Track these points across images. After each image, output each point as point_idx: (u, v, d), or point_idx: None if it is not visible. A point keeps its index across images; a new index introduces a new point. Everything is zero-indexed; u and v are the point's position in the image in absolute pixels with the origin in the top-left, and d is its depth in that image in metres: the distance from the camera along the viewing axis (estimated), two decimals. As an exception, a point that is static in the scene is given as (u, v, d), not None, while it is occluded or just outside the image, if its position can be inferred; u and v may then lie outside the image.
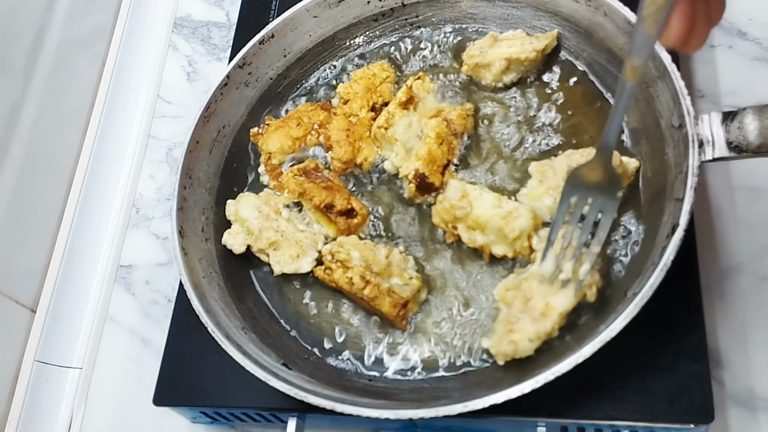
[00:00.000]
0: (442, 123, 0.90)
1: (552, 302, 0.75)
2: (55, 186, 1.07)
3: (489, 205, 0.82)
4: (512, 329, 0.75)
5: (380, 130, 0.92)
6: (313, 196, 0.89)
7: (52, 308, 1.01)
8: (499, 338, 0.76)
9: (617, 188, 0.77)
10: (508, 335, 0.75)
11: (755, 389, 0.84)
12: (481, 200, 0.82)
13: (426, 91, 0.95)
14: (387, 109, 0.93)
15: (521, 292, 0.77)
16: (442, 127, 0.90)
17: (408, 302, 0.83)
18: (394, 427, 0.86)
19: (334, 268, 0.84)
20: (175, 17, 1.27)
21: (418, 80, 0.94)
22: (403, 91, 0.93)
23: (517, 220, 0.80)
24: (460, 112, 0.92)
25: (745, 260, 0.90)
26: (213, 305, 0.83)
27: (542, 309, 0.75)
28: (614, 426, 0.77)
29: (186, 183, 0.91)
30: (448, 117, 0.91)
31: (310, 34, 1.02)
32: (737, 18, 1.05)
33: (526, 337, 0.74)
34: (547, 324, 0.74)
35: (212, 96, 0.95)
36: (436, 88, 0.96)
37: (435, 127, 0.89)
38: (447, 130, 0.90)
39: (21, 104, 1.02)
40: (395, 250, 0.86)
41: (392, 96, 0.97)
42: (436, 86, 0.96)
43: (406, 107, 0.93)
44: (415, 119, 0.93)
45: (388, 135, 0.91)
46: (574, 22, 0.93)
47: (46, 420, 0.98)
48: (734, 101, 0.99)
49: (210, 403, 0.87)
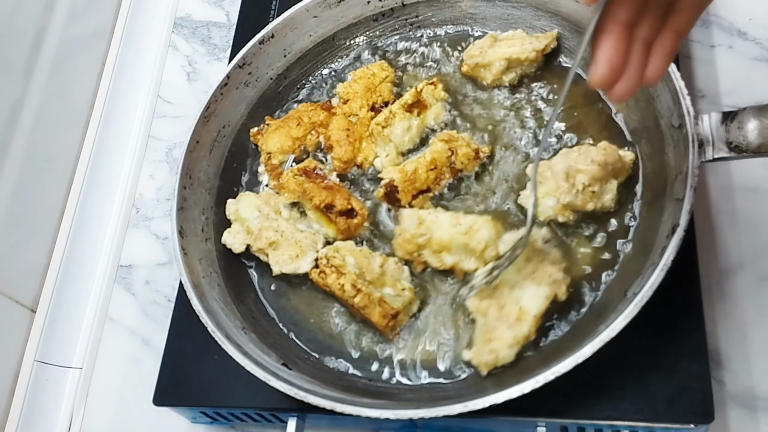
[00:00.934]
0: (447, 152, 0.88)
1: (525, 306, 0.76)
2: (55, 186, 1.07)
3: (448, 225, 0.82)
4: (490, 338, 0.76)
5: (377, 127, 0.92)
6: (313, 196, 0.89)
7: (52, 308, 1.01)
8: (478, 349, 0.77)
9: None
10: (488, 344, 0.76)
11: (755, 389, 0.84)
12: (438, 222, 0.83)
13: (436, 98, 0.94)
14: (390, 108, 0.93)
15: (494, 300, 0.78)
16: (443, 157, 0.88)
17: (398, 313, 0.83)
18: (394, 427, 0.86)
19: (328, 273, 0.84)
20: (175, 17, 1.27)
21: (431, 86, 0.93)
22: (411, 94, 0.92)
23: (479, 232, 0.80)
24: (469, 152, 0.89)
25: (745, 260, 0.90)
26: (213, 305, 0.83)
27: (516, 314, 0.76)
28: (614, 426, 0.77)
29: (186, 183, 0.91)
30: (457, 150, 0.89)
31: (310, 34, 1.02)
32: (737, 18, 1.05)
33: (505, 345, 0.75)
34: (523, 328, 0.75)
35: (212, 96, 0.95)
36: (446, 97, 0.95)
37: (436, 152, 0.88)
38: (446, 161, 0.89)
39: (21, 104, 1.02)
40: (391, 259, 0.85)
41: (392, 96, 0.97)
42: (446, 95, 0.95)
43: (410, 110, 0.92)
44: (416, 124, 0.92)
45: (384, 134, 0.91)
46: (574, 22, 0.93)
47: (46, 420, 0.98)
48: (734, 101, 0.99)
49: (210, 403, 0.87)
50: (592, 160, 0.82)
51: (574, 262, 0.82)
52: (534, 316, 0.76)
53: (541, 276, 0.78)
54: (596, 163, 0.81)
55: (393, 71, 0.99)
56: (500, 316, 0.77)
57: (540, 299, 0.76)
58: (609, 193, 0.83)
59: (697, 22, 0.60)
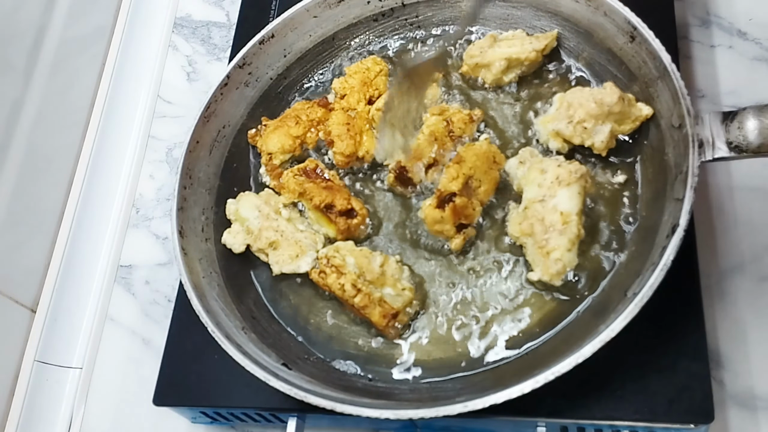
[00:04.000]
0: (442, 123, 0.90)
1: (564, 209, 0.79)
2: (55, 186, 1.07)
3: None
4: (548, 251, 0.79)
5: (378, 113, 0.92)
6: (313, 196, 0.89)
7: (52, 308, 1.01)
8: (543, 264, 0.79)
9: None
10: (548, 257, 0.78)
11: (755, 389, 0.84)
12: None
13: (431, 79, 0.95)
14: (387, 93, 0.93)
15: (533, 218, 0.81)
16: (440, 127, 0.89)
17: (398, 313, 0.83)
18: (394, 427, 0.86)
19: (328, 273, 0.84)
20: (175, 17, 1.27)
21: None
22: None
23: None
24: (463, 116, 0.91)
25: (745, 260, 0.90)
26: (213, 305, 0.83)
27: (561, 219, 0.79)
28: (614, 426, 0.77)
29: (186, 183, 0.91)
30: (451, 118, 0.91)
31: (310, 34, 1.02)
32: (737, 18, 1.05)
33: (564, 250, 0.78)
34: (573, 229, 0.79)
35: (212, 96, 0.95)
36: (439, 77, 0.96)
37: (432, 125, 0.89)
38: (444, 130, 0.90)
39: (21, 104, 1.02)
40: (391, 259, 0.85)
41: (387, 89, 0.97)
42: (440, 76, 0.96)
43: None
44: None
45: None
46: (574, 22, 0.93)
47: (46, 420, 0.98)
48: (734, 101, 0.99)
49: (210, 403, 0.87)
50: (592, 98, 0.84)
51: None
52: (576, 214, 0.79)
53: (564, 177, 0.80)
54: (594, 101, 0.83)
55: (386, 65, 1.00)
56: (546, 229, 0.79)
57: (574, 197, 0.80)
58: (601, 135, 0.84)
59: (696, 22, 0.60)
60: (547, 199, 0.81)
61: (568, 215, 0.79)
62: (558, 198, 0.80)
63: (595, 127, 0.84)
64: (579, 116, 0.84)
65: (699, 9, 1.06)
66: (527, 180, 0.84)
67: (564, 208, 0.80)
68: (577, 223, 0.79)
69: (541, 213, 0.80)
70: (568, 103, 0.86)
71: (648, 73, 0.84)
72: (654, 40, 0.83)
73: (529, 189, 0.83)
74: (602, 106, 0.83)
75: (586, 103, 0.84)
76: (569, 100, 0.86)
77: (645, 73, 0.85)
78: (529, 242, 0.81)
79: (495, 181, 0.87)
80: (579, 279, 0.81)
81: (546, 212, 0.80)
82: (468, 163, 0.85)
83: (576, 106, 0.85)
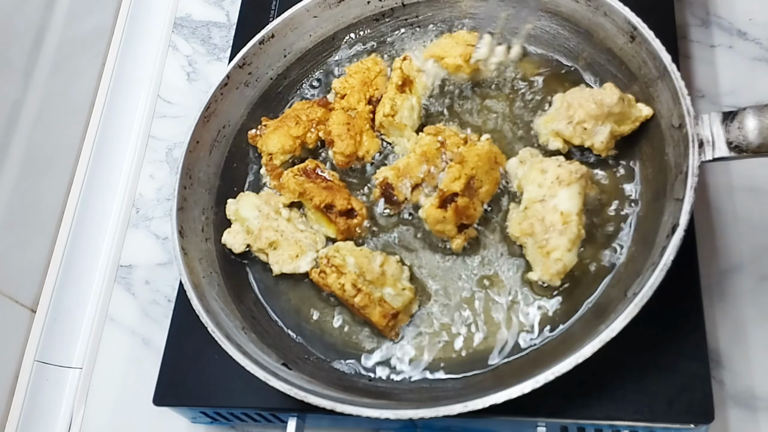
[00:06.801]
0: (435, 143, 0.89)
1: (564, 209, 0.79)
2: (55, 186, 1.07)
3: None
4: (548, 250, 0.79)
5: (387, 119, 0.92)
6: (313, 196, 0.89)
7: (52, 308, 1.01)
8: (543, 264, 0.79)
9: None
10: (548, 257, 0.79)
11: (755, 389, 0.84)
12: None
13: (416, 70, 0.95)
14: (388, 96, 0.93)
15: (533, 218, 0.81)
16: (432, 148, 0.88)
17: (398, 313, 0.83)
18: (394, 427, 0.86)
19: (329, 273, 0.84)
20: (175, 17, 1.27)
21: (405, 61, 0.95)
22: (397, 75, 0.94)
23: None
24: (458, 140, 0.89)
25: (745, 260, 0.90)
26: (213, 305, 0.83)
27: (561, 219, 0.79)
28: (614, 426, 0.77)
29: (186, 183, 0.91)
30: (445, 140, 0.89)
31: (310, 34, 1.02)
32: (737, 18, 1.05)
33: (564, 250, 0.78)
34: (573, 229, 0.79)
35: (212, 96, 0.95)
36: (422, 68, 0.96)
37: (424, 145, 0.89)
38: (437, 152, 0.88)
39: (21, 104, 1.02)
40: (392, 259, 0.85)
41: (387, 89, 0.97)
42: (421, 66, 0.96)
43: (403, 90, 0.94)
44: (415, 101, 0.93)
45: (396, 122, 0.92)
46: (574, 22, 0.93)
47: (46, 420, 0.98)
48: (734, 101, 1.00)
49: (210, 403, 0.87)
50: (592, 98, 0.84)
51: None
52: (577, 214, 0.79)
53: (564, 177, 0.81)
54: (593, 101, 0.84)
55: (386, 65, 1.00)
56: (546, 229, 0.80)
57: (574, 197, 0.80)
58: (600, 135, 0.84)
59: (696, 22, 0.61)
60: (548, 199, 0.81)
61: (568, 215, 0.79)
62: (558, 198, 0.80)
63: (595, 128, 0.84)
64: (579, 117, 0.84)
65: (699, 9, 1.06)
66: (527, 180, 0.84)
67: (564, 208, 0.80)
68: (578, 223, 0.79)
69: (542, 213, 0.80)
70: (568, 104, 0.86)
71: (648, 73, 0.84)
72: (654, 40, 0.83)
73: (530, 189, 0.83)
74: (602, 106, 0.83)
75: (585, 103, 0.84)
76: (569, 101, 0.86)
77: (645, 73, 0.85)
78: (529, 242, 0.81)
79: (496, 182, 0.87)
80: (579, 279, 0.81)
81: (546, 212, 0.80)
82: (470, 163, 0.85)
83: (576, 106, 0.85)
